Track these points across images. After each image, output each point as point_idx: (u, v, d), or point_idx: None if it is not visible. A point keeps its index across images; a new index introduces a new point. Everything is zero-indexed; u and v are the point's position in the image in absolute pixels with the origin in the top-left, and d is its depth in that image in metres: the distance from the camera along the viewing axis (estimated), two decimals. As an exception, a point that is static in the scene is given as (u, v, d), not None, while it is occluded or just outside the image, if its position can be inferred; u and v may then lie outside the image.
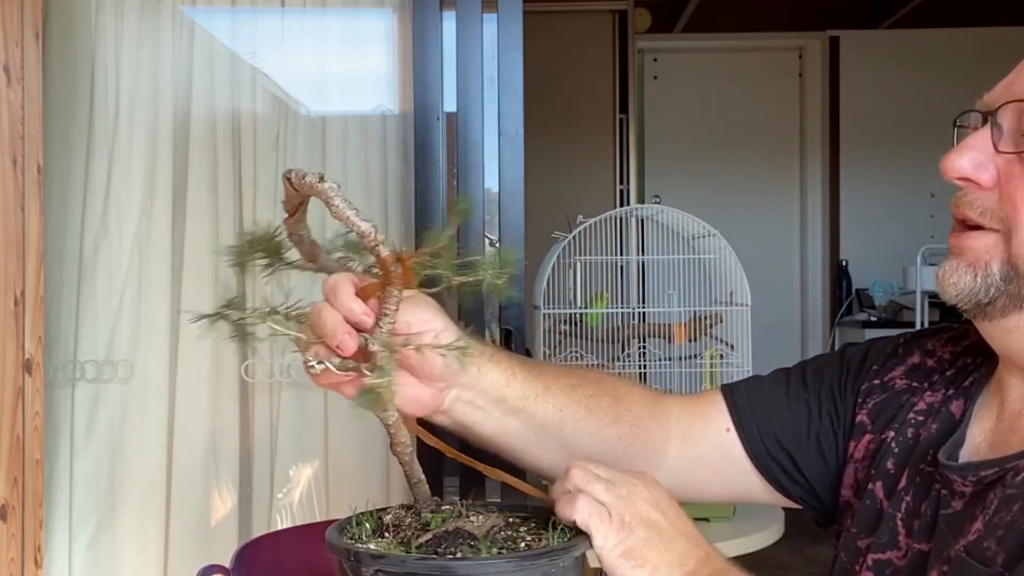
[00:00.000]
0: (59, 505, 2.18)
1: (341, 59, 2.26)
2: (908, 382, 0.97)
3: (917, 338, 1.00)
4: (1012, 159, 0.81)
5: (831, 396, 1.00)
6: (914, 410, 0.94)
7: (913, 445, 0.92)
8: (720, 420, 1.03)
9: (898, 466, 0.92)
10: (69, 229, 2.19)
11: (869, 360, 1.00)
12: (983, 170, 0.83)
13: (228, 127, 2.21)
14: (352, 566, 0.75)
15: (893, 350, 1.00)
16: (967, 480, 0.83)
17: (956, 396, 0.92)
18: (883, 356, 1.00)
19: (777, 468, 1.01)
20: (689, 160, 5.48)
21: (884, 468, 0.93)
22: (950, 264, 0.85)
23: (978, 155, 0.83)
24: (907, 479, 0.90)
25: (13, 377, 1.89)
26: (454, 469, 2.10)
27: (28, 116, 1.93)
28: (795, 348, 5.56)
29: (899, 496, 0.90)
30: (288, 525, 2.15)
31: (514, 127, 2.06)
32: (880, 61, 5.34)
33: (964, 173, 0.83)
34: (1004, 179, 0.82)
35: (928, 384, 0.95)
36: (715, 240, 2.32)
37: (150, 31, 2.21)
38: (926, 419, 0.93)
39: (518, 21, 2.05)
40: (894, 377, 0.98)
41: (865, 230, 5.35)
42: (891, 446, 0.93)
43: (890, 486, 0.92)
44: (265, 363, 2.19)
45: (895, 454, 0.93)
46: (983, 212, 0.83)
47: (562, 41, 4.61)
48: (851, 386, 1.00)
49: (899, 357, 0.99)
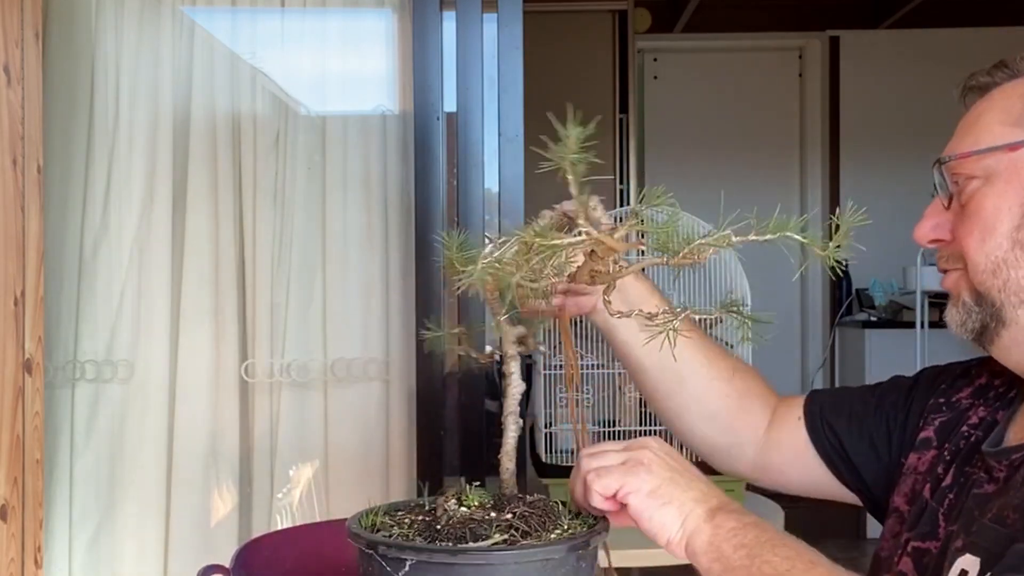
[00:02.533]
0: (59, 505, 2.18)
1: (341, 59, 2.26)
2: (972, 401, 1.07)
3: (988, 360, 1.09)
4: (955, 209, 0.98)
5: (896, 404, 1.13)
6: (967, 424, 1.04)
7: (962, 450, 1.02)
8: (796, 412, 1.19)
9: (946, 469, 1.02)
10: (69, 229, 2.19)
11: (941, 378, 1.12)
12: (941, 229, 1.00)
13: (228, 127, 2.21)
14: (383, 560, 0.75)
15: (965, 371, 1.12)
16: (1002, 464, 0.93)
17: (1002, 407, 1.03)
18: (954, 376, 1.12)
19: (833, 451, 1.15)
20: (689, 160, 5.48)
21: (936, 474, 1.03)
22: (947, 308, 1.00)
23: (934, 220, 1.00)
24: (952, 478, 1.00)
25: (13, 377, 1.89)
26: (454, 469, 2.10)
27: (28, 116, 1.93)
28: (795, 348, 5.56)
29: (942, 492, 1.00)
30: (288, 525, 2.15)
31: (514, 127, 2.05)
32: (880, 61, 5.34)
33: (929, 237, 1.01)
34: (955, 228, 0.98)
35: (983, 400, 1.06)
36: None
37: (150, 31, 2.21)
38: (975, 430, 1.03)
39: (518, 21, 2.05)
40: (960, 397, 1.08)
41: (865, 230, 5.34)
42: (944, 456, 1.04)
43: (935, 486, 1.01)
44: (265, 363, 2.19)
45: (946, 460, 1.03)
46: (948, 259, 1.00)
47: (562, 41, 4.61)
48: (919, 399, 1.11)
49: (969, 378, 1.10)
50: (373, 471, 2.18)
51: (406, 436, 2.17)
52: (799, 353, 5.57)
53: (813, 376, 5.49)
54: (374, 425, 2.19)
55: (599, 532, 0.84)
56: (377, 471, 2.18)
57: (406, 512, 0.87)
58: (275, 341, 2.19)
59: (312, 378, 2.19)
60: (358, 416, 2.20)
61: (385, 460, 2.18)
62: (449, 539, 0.77)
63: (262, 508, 2.21)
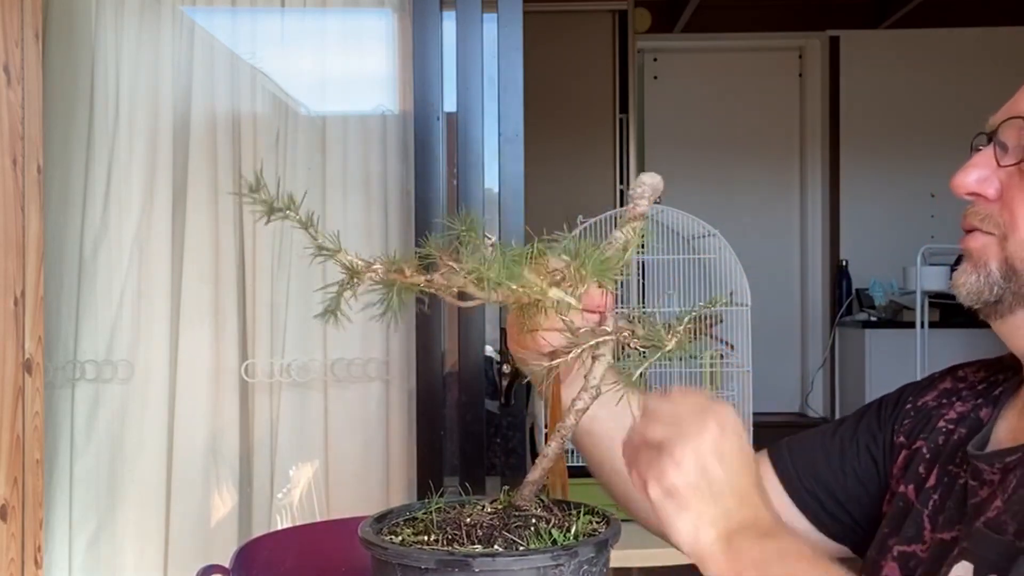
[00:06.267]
0: (59, 505, 2.18)
1: (341, 59, 2.26)
2: (939, 401, 1.04)
3: (952, 369, 1.07)
4: (1013, 172, 0.90)
5: (868, 432, 1.07)
6: (944, 419, 1.00)
7: (943, 448, 0.98)
8: (766, 475, 1.06)
9: (928, 468, 0.98)
10: (69, 229, 2.19)
11: (905, 394, 1.08)
12: (987, 184, 0.92)
13: (228, 127, 2.21)
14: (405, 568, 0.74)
15: (928, 382, 1.08)
16: (994, 468, 0.89)
17: (985, 404, 0.99)
18: (918, 389, 1.07)
19: (816, 505, 1.06)
20: (689, 160, 5.47)
21: (916, 472, 0.99)
22: (960, 268, 0.93)
23: (982, 171, 0.92)
24: (936, 478, 0.96)
25: (13, 377, 1.89)
26: (453, 469, 2.10)
27: (28, 116, 1.93)
28: (795, 348, 5.56)
29: (927, 494, 0.96)
30: (288, 525, 2.15)
31: (514, 127, 2.05)
32: (880, 61, 5.33)
33: (970, 188, 0.92)
34: (1006, 190, 0.91)
35: (958, 398, 1.02)
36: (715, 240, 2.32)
37: (150, 31, 2.21)
38: (956, 426, 0.99)
39: (518, 21, 2.05)
40: (926, 400, 1.05)
41: (865, 230, 5.34)
42: (922, 452, 1.00)
43: (919, 486, 0.97)
44: (265, 363, 2.19)
45: (926, 459, 0.99)
46: (984, 219, 0.92)
47: (562, 41, 4.61)
48: (888, 418, 1.06)
49: (932, 386, 1.06)
50: (373, 471, 2.18)
51: (406, 436, 2.17)
52: (799, 353, 5.57)
53: (813, 376, 5.49)
54: (374, 425, 2.19)
55: (608, 536, 0.78)
56: (377, 471, 2.18)
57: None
58: (275, 341, 2.19)
59: (312, 378, 2.19)
60: (358, 416, 2.20)
61: (385, 460, 2.18)
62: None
63: (262, 508, 2.21)
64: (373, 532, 0.80)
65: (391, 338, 2.18)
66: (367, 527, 0.81)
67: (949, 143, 5.01)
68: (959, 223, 0.96)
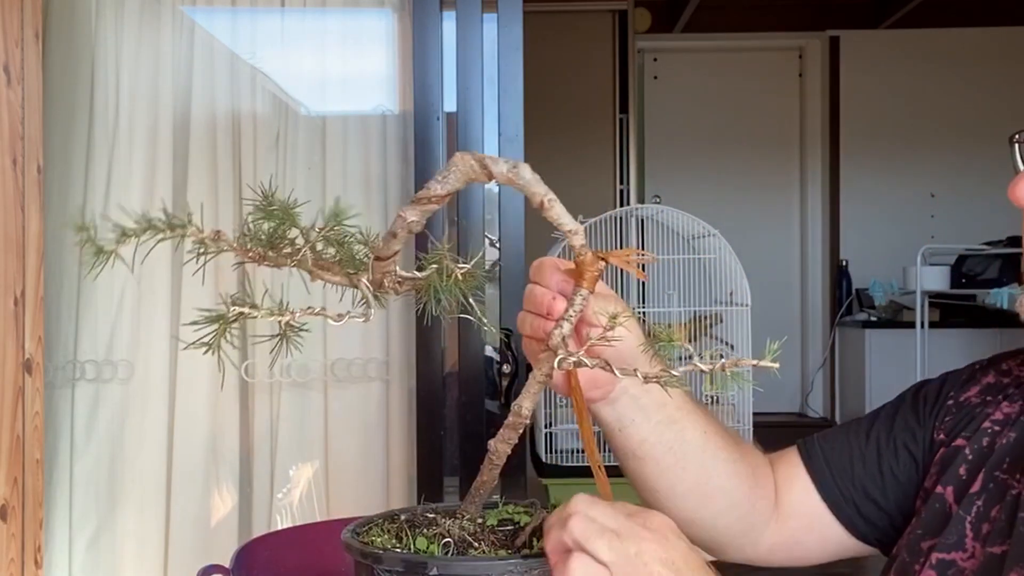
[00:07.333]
0: (59, 505, 2.18)
1: (341, 59, 2.26)
2: (983, 398, 0.98)
3: (993, 361, 1.01)
4: None
5: (907, 430, 1.01)
6: (990, 419, 0.94)
7: (988, 452, 0.92)
8: (799, 475, 1.04)
9: (971, 472, 0.92)
10: (69, 229, 2.19)
11: (945, 389, 1.01)
12: None
13: (228, 127, 2.21)
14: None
15: (970, 375, 1.01)
16: None
17: None
18: (959, 383, 1.01)
19: (852, 510, 1.01)
20: (689, 160, 5.48)
21: (955, 474, 0.93)
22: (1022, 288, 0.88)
23: None
24: (980, 484, 0.91)
25: (13, 377, 1.89)
26: (453, 469, 2.10)
27: (28, 116, 1.93)
28: (795, 348, 5.56)
29: (970, 499, 0.90)
30: (288, 525, 2.15)
31: (514, 127, 2.05)
32: (880, 61, 5.34)
33: None
34: None
35: (1004, 397, 0.96)
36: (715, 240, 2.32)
37: (150, 31, 2.21)
38: (1003, 428, 0.93)
39: (518, 21, 2.05)
40: (969, 396, 0.99)
41: (865, 230, 5.35)
42: (964, 453, 0.94)
43: (961, 490, 0.92)
44: (265, 363, 2.19)
45: (968, 460, 0.93)
46: None
47: (562, 41, 4.61)
48: (929, 415, 1.00)
49: (975, 380, 1.00)
50: (373, 471, 2.18)
51: (406, 436, 2.17)
52: (799, 353, 5.58)
53: (813, 376, 5.49)
54: (374, 425, 2.19)
55: None
56: (377, 471, 2.18)
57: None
58: (275, 341, 2.19)
59: (312, 378, 2.19)
60: (358, 416, 2.20)
61: (385, 460, 2.18)
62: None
63: (262, 508, 2.21)
64: (352, 535, 0.81)
65: (391, 338, 2.18)
66: (349, 531, 0.82)
67: (949, 143, 5.03)
68: (959, 223, 0.92)
